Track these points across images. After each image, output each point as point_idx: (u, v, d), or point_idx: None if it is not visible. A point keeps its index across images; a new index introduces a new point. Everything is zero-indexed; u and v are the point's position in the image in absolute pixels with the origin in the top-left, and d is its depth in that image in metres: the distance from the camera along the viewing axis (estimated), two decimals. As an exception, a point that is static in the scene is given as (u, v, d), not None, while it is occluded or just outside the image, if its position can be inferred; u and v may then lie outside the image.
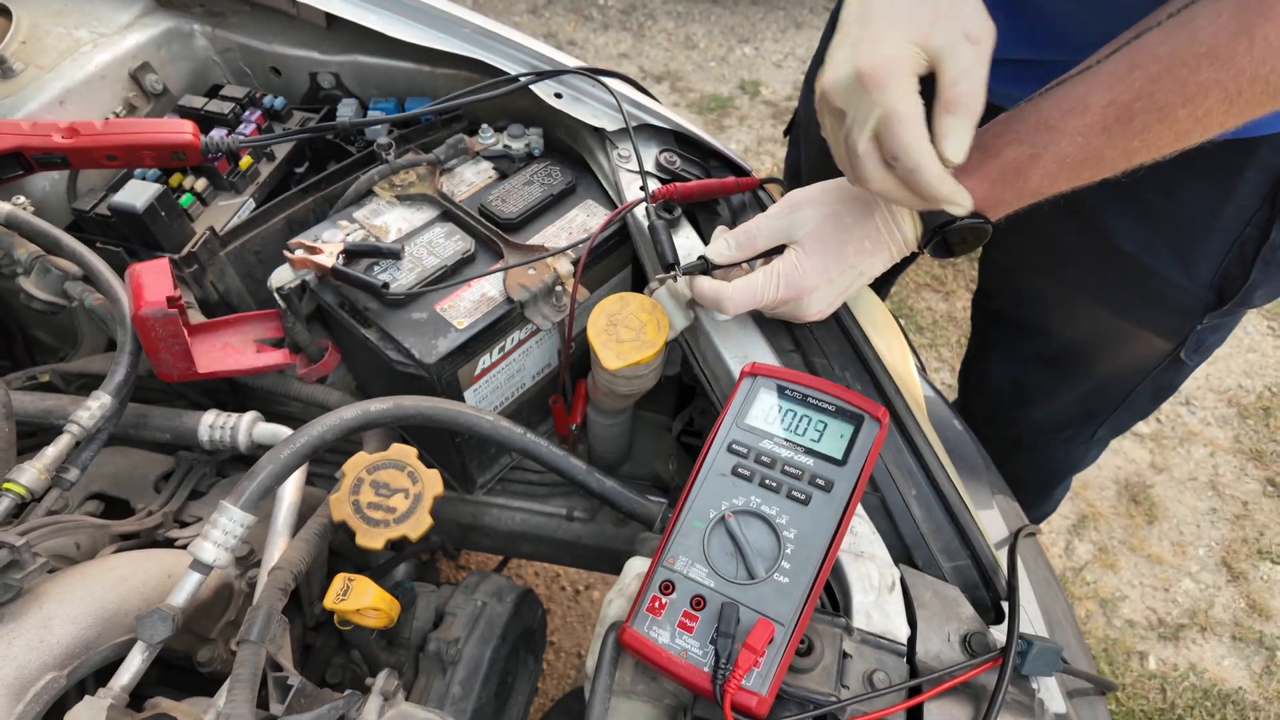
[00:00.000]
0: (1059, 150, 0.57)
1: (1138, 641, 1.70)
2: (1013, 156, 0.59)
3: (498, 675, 0.81)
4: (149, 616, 0.57)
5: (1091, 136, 0.56)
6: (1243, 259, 0.80)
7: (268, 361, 0.78)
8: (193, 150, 0.78)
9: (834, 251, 0.66)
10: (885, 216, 0.65)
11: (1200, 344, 0.90)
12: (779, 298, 0.66)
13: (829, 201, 0.67)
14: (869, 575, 0.57)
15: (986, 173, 0.60)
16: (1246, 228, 0.78)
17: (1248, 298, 0.83)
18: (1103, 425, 1.05)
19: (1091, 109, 0.56)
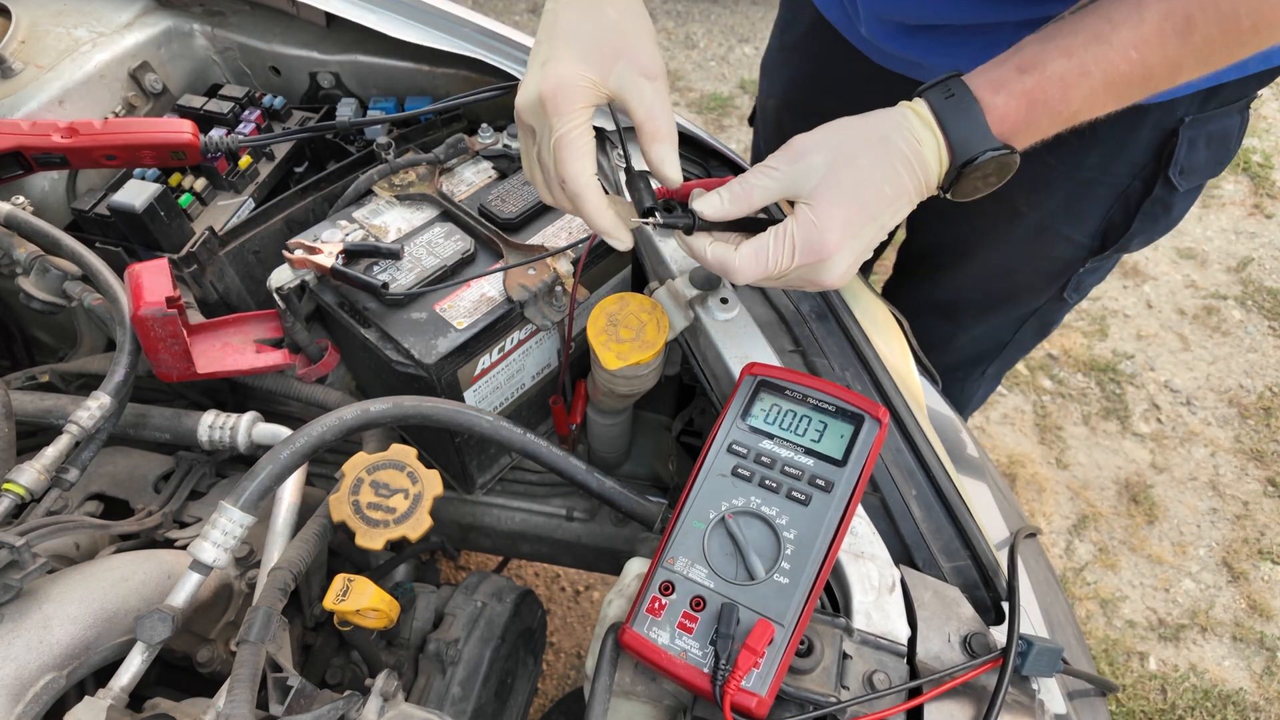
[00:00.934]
0: (1110, 66, 0.53)
1: (1138, 642, 1.70)
2: (1058, 71, 0.54)
3: (497, 676, 0.81)
4: (148, 617, 0.57)
5: (1147, 51, 0.52)
6: (1126, 210, 0.85)
7: (267, 362, 0.78)
8: (192, 150, 0.78)
9: (852, 200, 0.56)
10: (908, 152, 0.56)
11: (1080, 284, 0.97)
12: (795, 263, 0.56)
13: (840, 144, 0.57)
14: (869, 576, 0.57)
15: (1026, 89, 0.55)
16: (1133, 182, 0.83)
17: (1126, 244, 0.89)
18: (991, 364, 1.12)
19: (1147, 21, 0.52)
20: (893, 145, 0.56)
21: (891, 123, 0.57)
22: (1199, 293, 2.33)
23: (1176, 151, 0.80)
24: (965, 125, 0.55)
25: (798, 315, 0.74)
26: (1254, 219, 2.53)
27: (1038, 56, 0.55)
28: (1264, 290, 2.33)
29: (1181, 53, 0.53)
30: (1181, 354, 2.19)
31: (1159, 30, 0.52)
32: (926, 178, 0.57)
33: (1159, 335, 2.23)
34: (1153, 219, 0.86)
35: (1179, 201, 0.86)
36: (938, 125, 0.56)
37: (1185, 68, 0.54)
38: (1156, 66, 0.54)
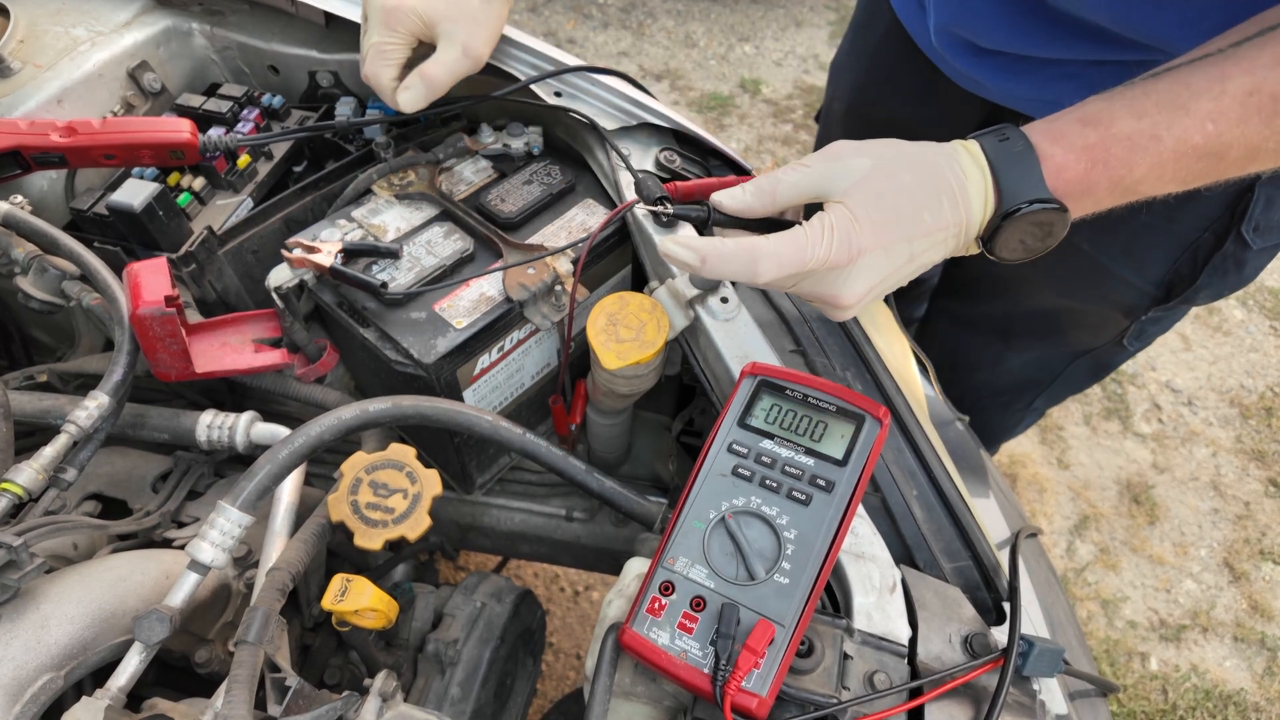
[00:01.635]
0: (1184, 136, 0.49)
1: (1139, 642, 1.70)
2: (1126, 131, 0.50)
3: (497, 676, 0.81)
4: (146, 617, 0.57)
5: (1225, 125, 0.49)
6: (1194, 262, 0.82)
7: (266, 361, 0.78)
8: (191, 149, 0.78)
9: (891, 211, 0.52)
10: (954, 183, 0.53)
11: (1142, 333, 0.94)
12: (831, 258, 0.52)
13: (884, 155, 0.54)
14: (870, 576, 0.57)
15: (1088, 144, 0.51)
16: (1203, 234, 0.80)
17: (1192, 297, 0.86)
18: (1040, 396, 1.09)
19: (1230, 93, 0.49)
20: (939, 172, 0.53)
21: (942, 153, 0.54)
22: (1200, 292, 2.32)
23: (1252, 208, 0.76)
24: (1018, 170, 0.52)
25: (798, 315, 0.74)
26: (1255, 219, 2.53)
27: (1105, 113, 0.51)
28: (1265, 290, 2.33)
29: (1262, 136, 0.49)
30: (1183, 354, 2.19)
31: (1241, 106, 0.49)
32: (969, 217, 0.53)
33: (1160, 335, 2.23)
34: (1222, 274, 0.82)
35: (1252, 259, 0.82)
36: (989, 166, 0.53)
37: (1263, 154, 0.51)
38: (1233, 145, 0.50)
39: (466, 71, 0.78)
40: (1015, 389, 1.10)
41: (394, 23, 0.74)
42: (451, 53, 0.75)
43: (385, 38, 0.75)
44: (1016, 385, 1.09)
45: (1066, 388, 1.08)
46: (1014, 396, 1.11)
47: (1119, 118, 0.51)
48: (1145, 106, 0.51)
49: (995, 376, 1.08)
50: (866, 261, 0.52)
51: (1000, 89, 0.81)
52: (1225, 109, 0.49)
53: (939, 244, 0.54)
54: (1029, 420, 1.19)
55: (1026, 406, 1.12)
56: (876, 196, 0.52)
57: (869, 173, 0.53)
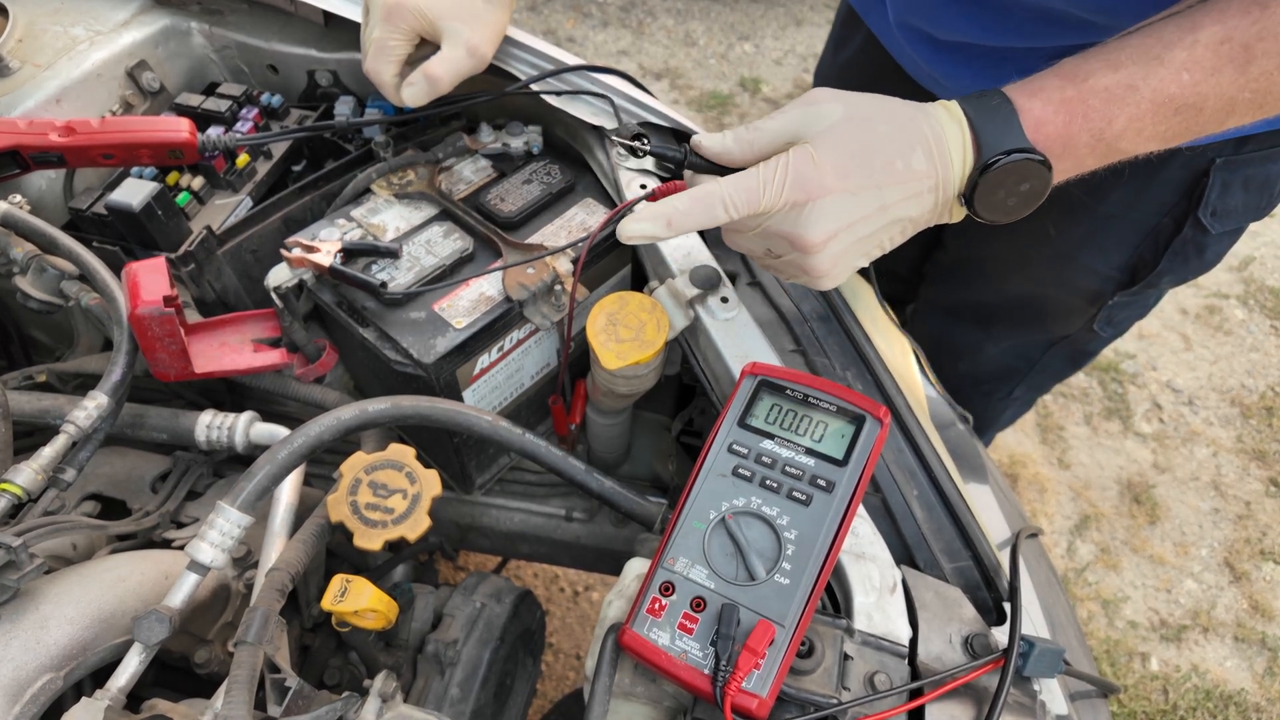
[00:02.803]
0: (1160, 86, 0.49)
1: (1140, 642, 1.70)
2: (1103, 84, 0.50)
3: (496, 677, 0.81)
4: (146, 618, 0.57)
5: (1199, 76, 0.49)
6: (1156, 247, 0.85)
7: (265, 361, 0.78)
8: (189, 148, 0.78)
9: (859, 157, 0.52)
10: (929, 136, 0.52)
11: (1111, 318, 0.96)
12: (783, 198, 0.52)
13: (860, 104, 0.54)
14: (870, 576, 0.57)
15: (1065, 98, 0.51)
16: (1163, 219, 0.82)
17: (1156, 281, 0.88)
18: (1020, 385, 1.11)
19: (1202, 42, 0.49)
20: (915, 124, 0.53)
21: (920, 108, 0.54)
22: (1201, 292, 2.32)
23: (1207, 193, 0.78)
24: (996, 123, 0.52)
25: (799, 315, 0.74)
26: (1255, 218, 2.53)
27: (1081, 68, 0.52)
28: (1266, 289, 2.33)
29: (1237, 85, 0.49)
30: (1183, 353, 2.19)
31: (1214, 55, 0.49)
32: (946, 172, 0.53)
33: (1161, 335, 2.23)
34: (1183, 259, 0.85)
35: (1212, 244, 0.84)
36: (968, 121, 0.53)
37: (1239, 106, 0.50)
38: (1209, 96, 0.50)
39: (470, 71, 0.78)
40: (995, 378, 1.12)
41: (396, 19, 0.74)
42: (456, 51, 0.75)
43: (387, 33, 0.75)
44: (996, 374, 1.11)
45: (1046, 376, 1.10)
46: (995, 385, 1.13)
47: (1095, 71, 0.51)
48: (1120, 59, 0.51)
49: (976, 365, 1.10)
50: (830, 202, 0.52)
51: (958, 86, 0.81)
52: (1199, 58, 0.49)
53: (913, 196, 0.53)
54: (1012, 411, 1.21)
55: (1007, 396, 1.14)
56: (844, 141, 0.52)
57: (842, 118, 0.53)
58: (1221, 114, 0.51)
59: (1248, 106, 0.51)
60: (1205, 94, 0.50)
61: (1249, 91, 0.49)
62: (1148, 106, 0.50)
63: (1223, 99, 0.50)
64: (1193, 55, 0.49)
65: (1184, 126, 0.52)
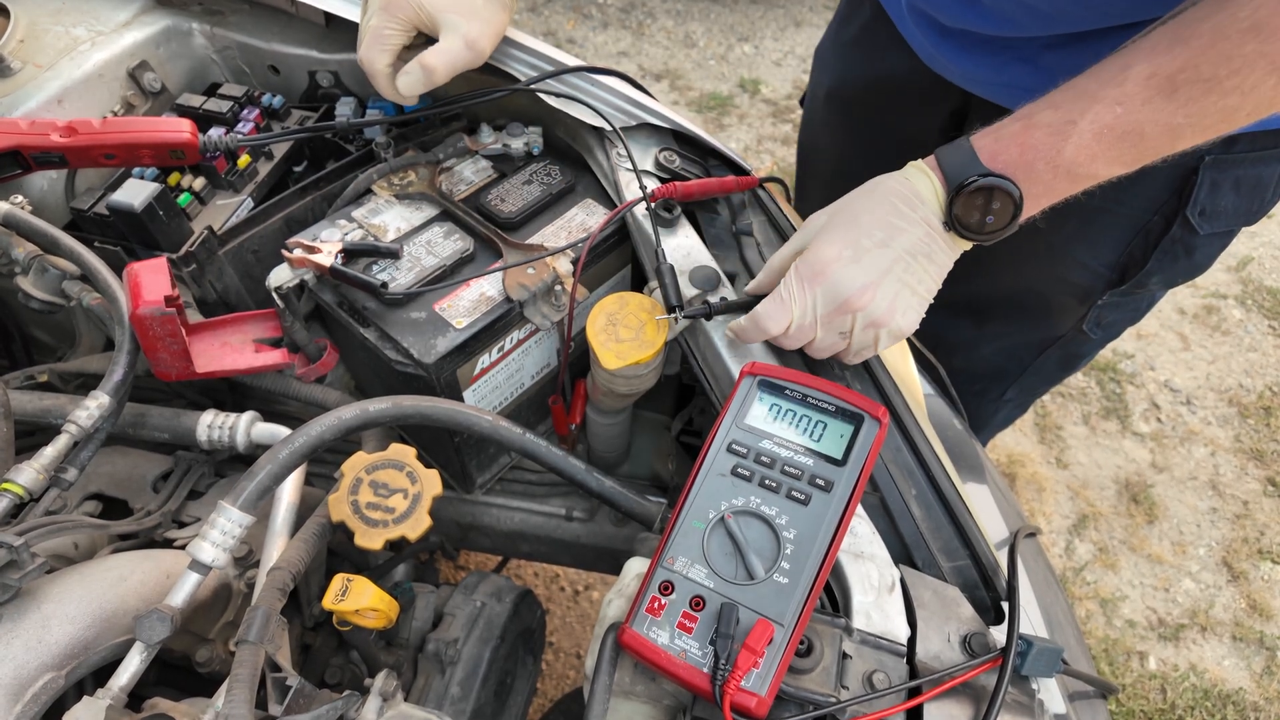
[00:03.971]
0: (1096, 119, 0.56)
1: (1138, 642, 1.70)
2: (1046, 120, 0.58)
3: (497, 675, 0.81)
4: (147, 617, 0.57)
5: (1132, 107, 0.56)
6: (1145, 245, 0.86)
7: (266, 361, 0.78)
8: (191, 149, 0.78)
9: (847, 227, 0.62)
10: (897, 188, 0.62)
11: (1101, 319, 0.97)
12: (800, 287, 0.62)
13: (837, 203, 0.65)
14: (869, 575, 0.57)
15: (1014, 133, 0.59)
16: (1153, 216, 0.84)
17: (1144, 281, 0.89)
18: (1012, 386, 1.12)
19: (1131, 79, 0.55)
20: (881, 186, 0.63)
21: (885, 176, 0.64)
22: (1199, 292, 2.33)
23: (1196, 191, 0.79)
24: (956, 157, 0.61)
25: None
26: (1254, 218, 2.53)
27: (1029, 110, 0.60)
28: (1264, 289, 2.33)
29: (1169, 112, 0.55)
30: (1181, 353, 2.19)
31: (1143, 88, 0.55)
32: (923, 208, 0.61)
33: (1159, 334, 2.23)
34: (1172, 258, 0.86)
35: (1201, 245, 0.85)
36: (935, 161, 0.62)
37: (1181, 130, 0.56)
38: (1146, 124, 0.56)
39: (468, 64, 0.77)
40: (988, 377, 1.12)
41: (394, 8, 0.74)
42: (454, 43, 0.75)
43: (383, 22, 0.75)
44: (989, 373, 1.12)
45: (1038, 380, 1.11)
46: (987, 385, 1.14)
47: (1038, 111, 0.59)
48: (1060, 99, 0.59)
49: (970, 363, 1.11)
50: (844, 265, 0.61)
51: (963, 71, 0.86)
52: (1129, 93, 0.56)
53: (908, 226, 0.62)
54: (1004, 414, 1.21)
55: (999, 397, 1.15)
56: (833, 226, 0.63)
57: (828, 217, 0.64)
58: (1167, 138, 0.57)
59: (1190, 131, 0.56)
60: (1142, 121, 0.56)
61: (1182, 116, 0.55)
62: (1090, 137, 0.57)
63: (1160, 125, 0.56)
64: (1124, 90, 0.56)
65: (1135, 152, 0.58)
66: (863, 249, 0.61)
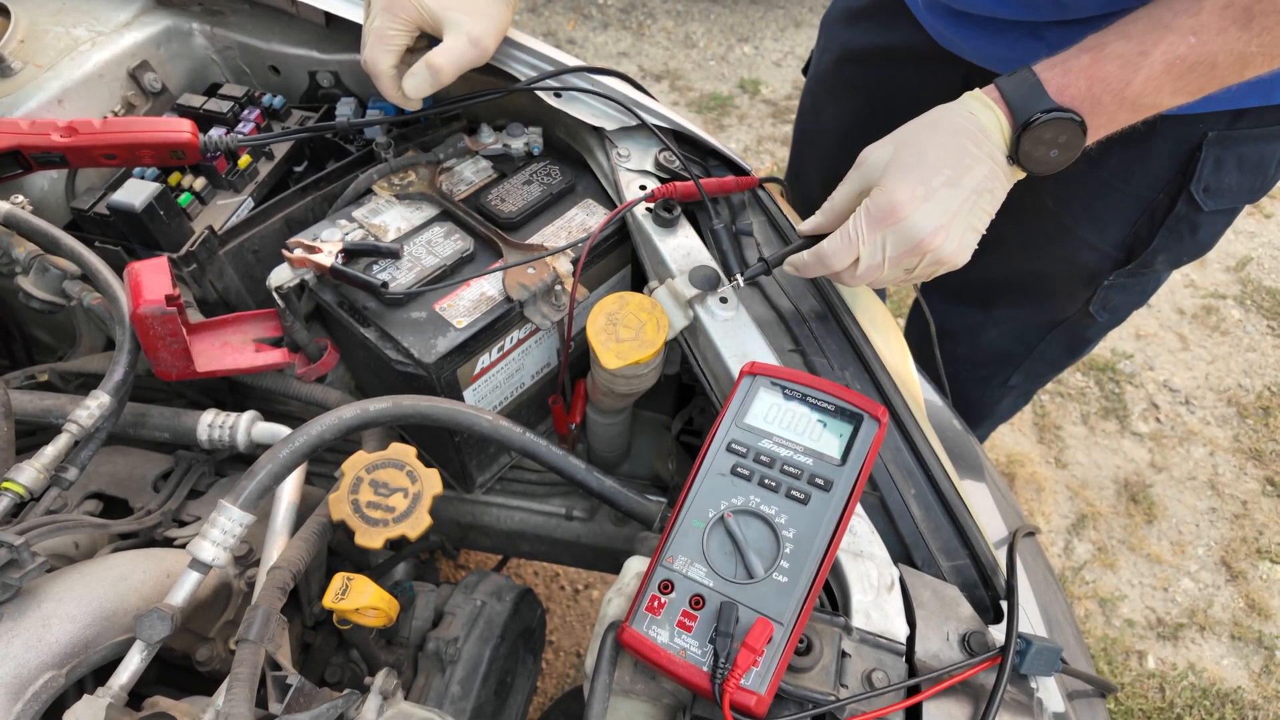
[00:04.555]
0: (1170, 48, 0.56)
1: (1137, 641, 1.70)
2: (1118, 51, 0.58)
3: (497, 674, 0.81)
4: (148, 616, 0.57)
5: (1207, 36, 0.56)
6: (1151, 224, 0.86)
7: (266, 361, 0.78)
8: (191, 149, 0.78)
9: (915, 165, 0.61)
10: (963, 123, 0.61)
11: (1108, 301, 0.97)
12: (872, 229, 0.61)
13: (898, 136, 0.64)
14: (868, 574, 0.57)
15: (1083, 65, 0.59)
16: (1158, 195, 0.84)
17: (1150, 260, 0.89)
18: (1018, 371, 1.12)
19: (1207, 8, 0.56)
20: (946, 121, 0.62)
21: (945, 109, 0.63)
22: (1198, 292, 2.33)
23: (1200, 167, 0.80)
24: (1023, 92, 0.60)
25: (797, 315, 0.74)
26: (1253, 218, 2.53)
27: (1098, 40, 0.59)
28: (1263, 290, 2.34)
29: (1243, 41, 0.55)
30: (1180, 353, 2.19)
31: (1218, 18, 0.55)
32: (990, 144, 0.61)
33: (1158, 334, 2.23)
34: (1177, 236, 0.86)
35: (1205, 222, 0.85)
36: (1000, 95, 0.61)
37: (1252, 59, 0.56)
38: (1219, 54, 0.56)
39: (473, 62, 0.77)
40: (994, 362, 1.12)
41: (397, 9, 0.74)
42: (459, 41, 0.75)
43: (387, 23, 0.75)
44: (995, 358, 1.12)
45: (1043, 364, 1.11)
46: (993, 370, 1.14)
47: (1110, 42, 0.59)
48: (1132, 30, 0.58)
49: (976, 349, 1.11)
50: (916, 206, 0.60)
51: (975, 49, 0.87)
52: (1204, 23, 0.56)
53: (974, 163, 0.61)
54: (1009, 401, 1.21)
55: (1005, 383, 1.15)
56: (900, 164, 0.62)
57: (892, 153, 0.63)
58: (1236, 67, 0.57)
59: (1260, 59, 0.57)
60: (1215, 51, 0.56)
61: (1255, 45, 0.55)
62: (1160, 67, 0.57)
63: (1233, 54, 0.56)
64: (1198, 20, 0.55)
65: (1202, 81, 0.58)
66: (933, 189, 0.60)
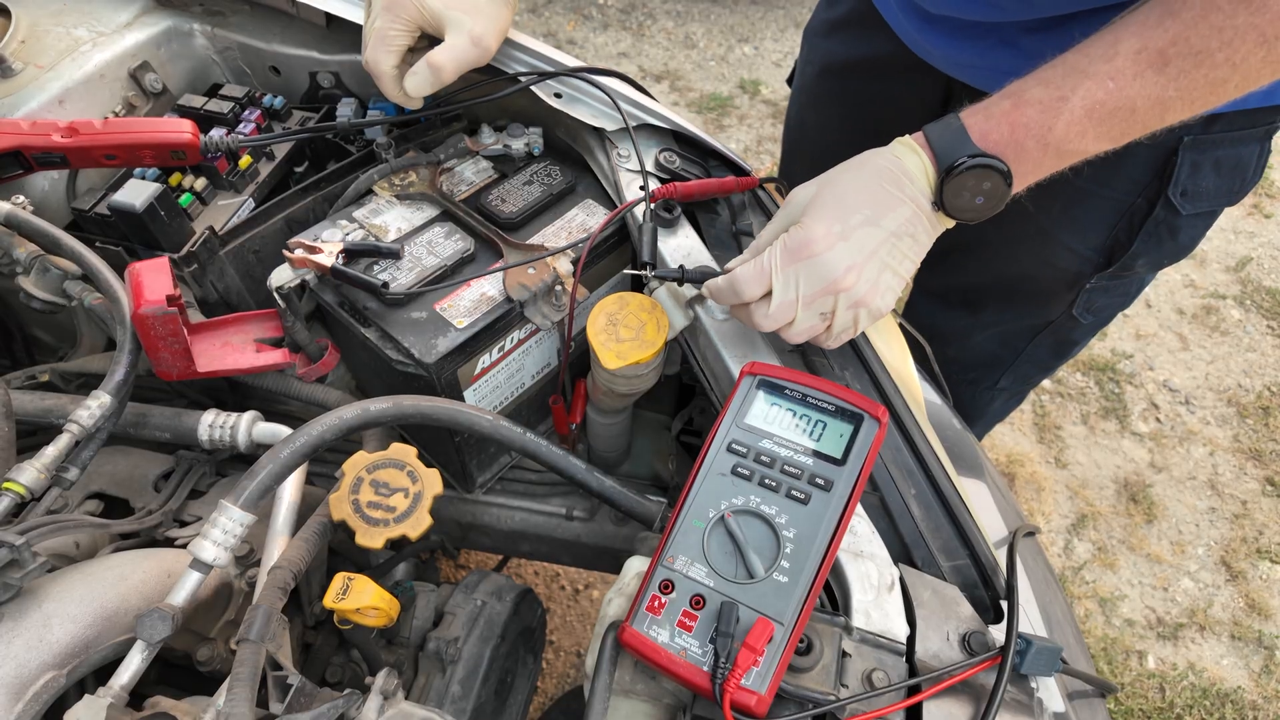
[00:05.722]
0: (1088, 94, 0.56)
1: (1137, 641, 1.70)
2: (1038, 97, 0.58)
3: (497, 674, 0.81)
4: (148, 615, 0.57)
5: (1124, 82, 0.56)
6: (1130, 228, 0.87)
7: (267, 361, 0.78)
8: (192, 149, 0.78)
9: (835, 204, 0.61)
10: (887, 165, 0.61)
11: (1091, 303, 0.97)
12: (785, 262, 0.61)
13: (824, 178, 0.64)
14: (868, 574, 0.57)
15: (1004, 110, 0.59)
16: (1136, 199, 0.85)
17: (1130, 264, 0.90)
18: (1006, 373, 1.13)
19: (1122, 54, 0.56)
20: (870, 163, 0.62)
21: (874, 152, 0.63)
22: (1198, 292, 2.33)
23: (1177, 172, 0.80)
24: (948, 138, 0.60)
25: (797, 315, 0.74)
26: (1253, 219, 2.53)
27: (1019, 87, 0.60)
28: (1263, 290, 2.34)
29: (1160, 86, 0.55)
30: (1180, 353, 2.20)
31: (1133, 63, 0.55)
32: (914, 188, 0.61)
33: (1158, 334, 2.23)
34: (1157, 240, 0.86)
35: (1184, 226, 0.85)
36: (924, 141, 0.61)
37: (1171, 104, 0.56)
38: (1137, 98, 0.56)
39: (474, 62, 0.77)
40: (982, 365, 1.13)
41: (398, 9, 0.74)
42: (460, 40, 0.75)
43: (388, 23, 0.75)
44: (983, 361, 1.12)
45: (1031, 366, 1.11)
46: (981, 373, 1.14)
47: (1029, 88, 0.59)
48: (1050, 76, 0.58)
49: (964, 352, 1.12)
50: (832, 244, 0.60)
51: (946, 56, 0.87)
52: (1120, 68, 0.56)
53: (895, 205, 0.61)
54: (999, 403, 1.22)
55: (994, 385, 1.16)
56: (820, 204, 0.62)
57: (815, 192, 0.63)
58: (1157, 112, 0.57)
59: (1179, 104, 0.57)
60: (1133, 96, 0.56)
61: (1173, 89, 0.55)
62: (1081, 112, 0.57)
63: (1151, 99, 0.56)
64: (1115, 65, 0.56)
65: (1124, 127, 0.58)
66: (851, 227, 0.60)
